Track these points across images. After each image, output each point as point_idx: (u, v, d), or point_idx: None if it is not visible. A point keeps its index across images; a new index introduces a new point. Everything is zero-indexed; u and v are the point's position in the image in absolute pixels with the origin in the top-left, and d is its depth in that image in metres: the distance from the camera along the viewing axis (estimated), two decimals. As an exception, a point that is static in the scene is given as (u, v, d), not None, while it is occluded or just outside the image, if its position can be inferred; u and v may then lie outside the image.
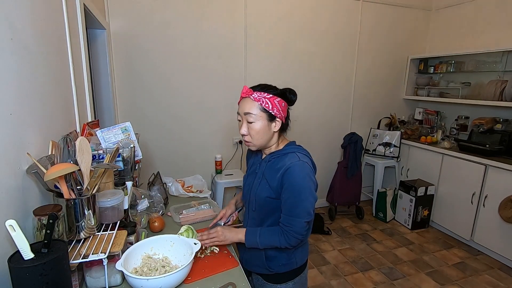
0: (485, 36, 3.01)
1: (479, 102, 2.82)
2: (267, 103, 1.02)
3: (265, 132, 1.05)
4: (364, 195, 3.59)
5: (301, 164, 1.01)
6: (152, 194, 1.50)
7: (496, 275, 2.35)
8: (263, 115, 1.03)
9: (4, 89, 0.75)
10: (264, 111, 1.02)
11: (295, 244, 1.04)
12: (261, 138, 1.05)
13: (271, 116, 1.04)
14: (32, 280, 0.65)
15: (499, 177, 2.46)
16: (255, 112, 1.02)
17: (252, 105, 1.02)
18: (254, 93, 1.03)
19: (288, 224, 1.02)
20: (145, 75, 2.61)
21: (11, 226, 0.63)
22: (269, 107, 1.02)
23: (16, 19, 0.82)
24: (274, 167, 1.06)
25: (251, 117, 1.02)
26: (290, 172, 1.00)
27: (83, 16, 1.53)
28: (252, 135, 1.05)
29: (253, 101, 1.02)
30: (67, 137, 1.04)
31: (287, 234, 1.02)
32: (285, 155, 1.06)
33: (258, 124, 1.03)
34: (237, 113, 1.08)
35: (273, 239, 1.05)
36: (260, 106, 1.02)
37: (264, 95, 1.02)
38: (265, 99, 1.02)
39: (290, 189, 1.00)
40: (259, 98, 1.02)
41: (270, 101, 1.02)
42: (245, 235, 1.09)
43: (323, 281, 2.27)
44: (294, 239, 1.03)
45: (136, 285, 0.84)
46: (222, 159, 2.90)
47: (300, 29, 3.00)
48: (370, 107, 3.52)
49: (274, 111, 1.03)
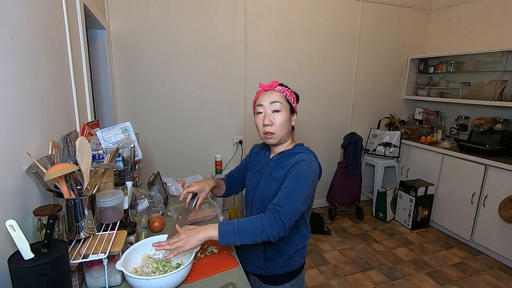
0: (485, 36, 3.01)
1: (479, 102, 2.82)
2: (290, 95, 1.09)
3: (287, 124, 1.08)
4: (364, 195, 3.59)
5: (311, 160, 1.05)
6: (152, 194, 1.50)
7: (496, 275, 2.35)
8: (287, 106, 1.08)
9: (4, 89, 0.75)
10: (288, 102, 1.08)
11: (277, 233, 0.92)
12: (283, 129, 1.07)
13: (292, 109, 1.10)
14: (32, 280, 0.65)
15: (499, 177, 2.46)
16: (282, 100, 1.06)
17: (278, 95, 1.07)
18: (278, 86, 1.09)
19: (282, 205, 0.94)
20: (145, 75, 2.61)
21: (11, 226, 0.63)
22: (292, 100, 1.09)
23: (16, 19, 0.82)
24: (282, 164, 1.08)
25: (278, 106, 1.05)
26: (300, 163, 1.02)
27: (83, 16, 1.53)
28: (276, 125, 1.06)
29: (278, 92, 1.07)
30: (67, 137, 1.04)
31: (274, 216, 0.92)
32: (294, 155, 1.08)
33: (283, 114, 1.06)
34: (258, 105, 1.08)
35: (255, 223, 0.92)
36: (285, 98, 1.07)
37: (286, 88, 1.10)
38: (288, 91, 1.09)
39: (294, 176, 1.00)
40: (283, 90, 1.08)
41: (292, 95, 1.10)
42: (219, 229, 0.91)
43: (323, 281, 2.27)
44: (280, 223, 0.91)
45: (136, 285, 0.84)
46: (222, 159, 2.90)
47: (300, 29, 3.00)
48: (370, 107, 3.52)
49: (295, 104, 1.11)
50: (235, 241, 0.91)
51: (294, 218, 0.97)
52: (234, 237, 0.90)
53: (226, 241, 0.91)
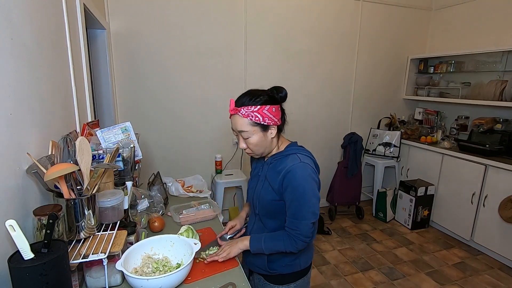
0: (485, 36, 3.01)
1: (479, 102, 2.82)
2: (256, 116, 0.99)
3: (263, 142, 1.04)
4: (364, 195, 3.59)
5: (302, 165, 1.00)
6: (152, 194, 1.50)
7: (496, 275, 2.35)
8: (256, 129, 1.01)
9: (4, 89, 0.75)
10: (255, 125, 1.00)
11: (302, 247, 1.03)
12: (260, 148, 1.05)
13: (264, 126, 1.02)
14: (32, 280, 0.65)
15: (499, 177, 2.46)
16: (247, 128, 1.00)
17: (243, 122, 1.00)
18: (242, 109, 0.99)
19: (294, 227, 1.01)
20: (145, 75, 2.61)
21: (11, 226, 0.63)
22: (260, 120, 0.99)
23: (16, 19, 0.82)
24: (275, 169, 1.06)
25: (244, 134, 1.02)
26: (291, 174, 0.99)
27: (83, 16, 1.53)
28: (251, 148, 1.05)
29: (242, 118, 1.00)
30: (67, 137, 1.04)
31: (294, 238, 1.01)
32: (286, 157, 1.05)
33: (254, 138, 1.02)
34: (231, 129, 1.07)
35: (279, 244, 1.04)
36: (250, 121, 0.99)
37: (251, 109, 0.98)
38: (253, 113, 0.98)
39: (292, 192, 0.99)
40: (247, 114, 0.99)
41: (259, 113, 0.99)
42: (250, 242, 1.10)
43: (323, 281, 2.27)
44: (301, 242, 1.02)
45: (136, 285, 0.84)
46: (222, 159, 2.90)
47: (300, 29, 3.00)
48: (370, 107, 3.52)
49: (266, 121, 1.00)
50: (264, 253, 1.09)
51: (311, 231, 1.03)
52: (263, 252, 1.08)
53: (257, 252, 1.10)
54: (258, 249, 1.08)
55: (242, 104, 1.00)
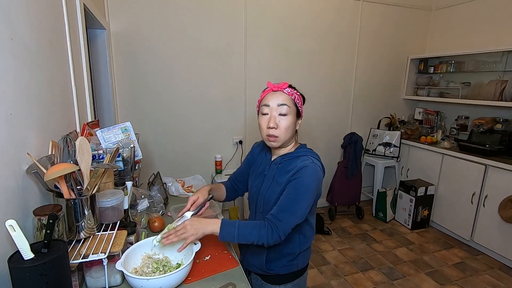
0: (485, 36, 3.01)
1: (479, 102, 2.82)
2: (298, 98, 1.04)
3: (292, 128, 1.04)
4: (364, 195, 3.59)
5: (315, 166, 1.00)
6: (152, 194, 1.50)
7: (496, 275, 2.35)
8: (294, 110, 1.03)
9: (4, 89, 0.75)
10: (295, 105, 1.04)
11: (273, 243, 0.97)
12: (288, 133, 1.03)
13: (298, 112, 1.05)
14: (32, 280, 0.65)
15: (499, 177, 2.46)
16: (290, 104, 1.02)
17: (286, 98, 1.02)
18: (288, 88, 1.03)
19: (281, 218, 0.96)
20: (145, 75, 2.61)
21: (11, 226, 0.63)
22: (299, 103, 1.05)
23: (16, 19, 0.82)
24: (285, 169, 1.05)
25: (285, 109, 1.00)
26: (303, 170, 0.98)
27: (83, 16, 1.53)
28: (281, 129, 1.01)
29: (286, 95, 1.02)
30: (67, 137, 1.04)
31: (273, 229, 0.95)
32: (297, 158, 1.05)
33: (289, 118, 1.02)
34: (264, 105, 1.03)
35: (254, 232, 0.96)
36: (292, 100, 1.03)
37: (295, 91, 1.04)
38: (296, 94, 1.04)
39: (295, 185, 0.98)
40: (292, 93, 1.03)
41: (300, 98, 1.05)
42: (221, 227, 0.96)
43: (323, 281, 2.27)
44: (277, 236, 0.96)
45: (136, 285, 0.84)
46: (222, 159, 2.90)
47: (300, 29, 3.00)
48: (370, 107, 3.52)
49: (301, 108, 1.06)
50: (232, 241, 0.99)
51: (289, 230, 0.99)
52: (232, 239, 0.97)
53: (224, 240, 0.98)
54: (228, 235, 0.96)
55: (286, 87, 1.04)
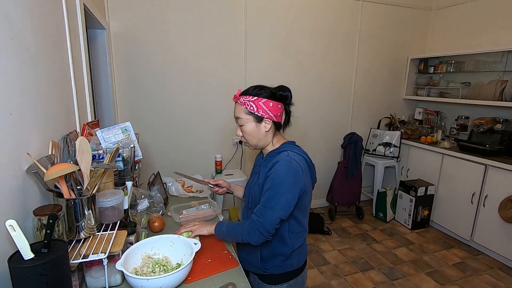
0: (485, 36, 3.00)
1: (479, 102, 2.82)
2: (251, 106, 1.06)
3: (255, 133, 1.09)
4: (364, 195, 3.59)
5: (288, 160, 1.02)
6: (152, 194, 1.50)
7: (496, 275, 2.35)
8: (250, 118, 1.07)
9: (5, 89, 0.75)
10: (250, 114, 1.07)
11: (257, 241, 1.02)
12: (253, 138, 1.10)
13: (258, 117, 1.07)
14: (32, 280, 0.65)
15: (499, 177, 2.46)
16: (243, 116, 1.08)
17: (240, 110, 1.08)
18: (241, 98, 1.08)
19: (260, 215, 1.01)
20: (145, 75, 2.61)
21: (11, 226, 0.63)
22: (254, 110, 1.06)
23: (16, 19, 0.82)
24: (267, 165, 1.08)
25: (240, 121, 1.09)
26: (276, 165, 1.02)
27: (83, 16, 1.53)
28: (245, 136, 1.11)
29: (240, 106, 1.08)
30: (67, 137, 1.04)
31: (254, 227, 1.01)
32: (278, 154, 1.07)
33: (248, 127, 1.08)
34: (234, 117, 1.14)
35: (237, 229, 1.07)
36: (246, 110, 1.07)
37: (248, 98, 1.06)
38: (249, 102, 1.06)
39: (271, 181, 1.02)
40: (244, 102, 1.07)
41: (255, 103, 1.05)
42: (215, 226, 1.14)
43: (323, 281, 2.27)
44: (258, 233, 1.00)
45: (136, 285, 0.84)
46: (222, 159, 2.90)
47: (300, 29, 3.00)
48: (370, 107, 3.52)
49: (259, 112, 1.06)
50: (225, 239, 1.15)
51: (274, 227, 1.01)
52: (224, 237, 1.13)
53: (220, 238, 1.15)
54: (220, 233, 1.12)
55: (245, 93, 1.09)
